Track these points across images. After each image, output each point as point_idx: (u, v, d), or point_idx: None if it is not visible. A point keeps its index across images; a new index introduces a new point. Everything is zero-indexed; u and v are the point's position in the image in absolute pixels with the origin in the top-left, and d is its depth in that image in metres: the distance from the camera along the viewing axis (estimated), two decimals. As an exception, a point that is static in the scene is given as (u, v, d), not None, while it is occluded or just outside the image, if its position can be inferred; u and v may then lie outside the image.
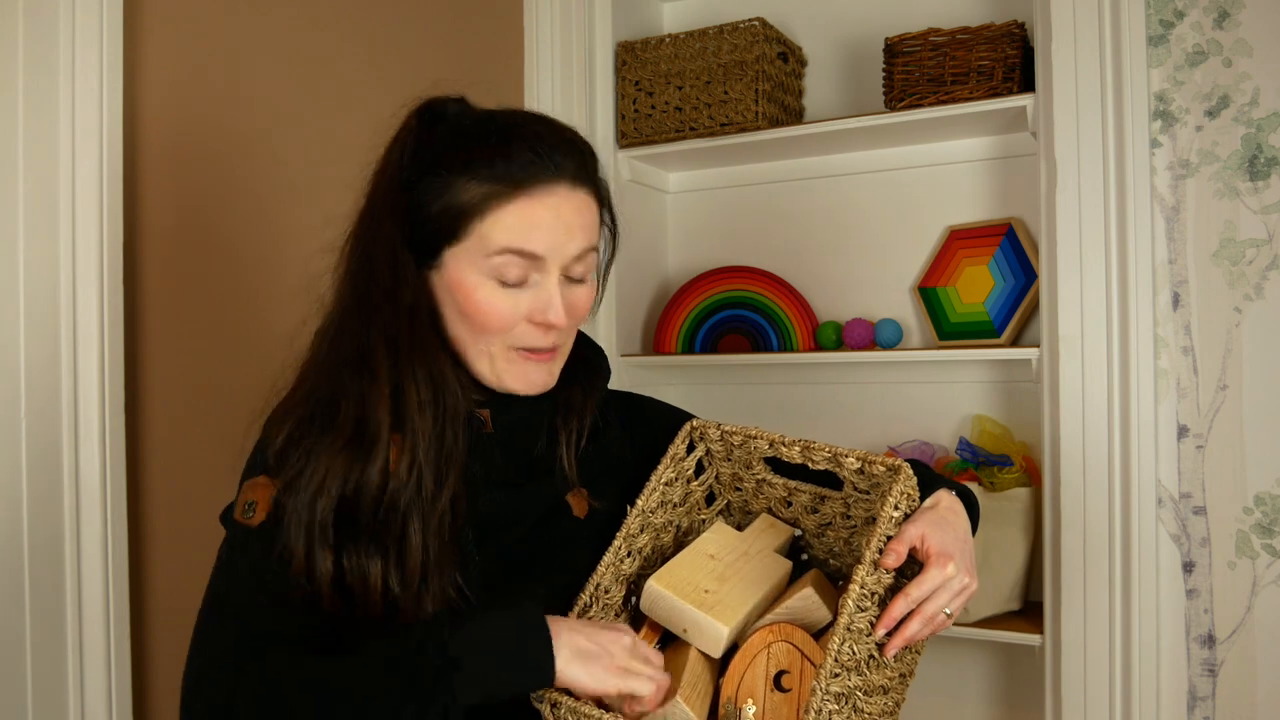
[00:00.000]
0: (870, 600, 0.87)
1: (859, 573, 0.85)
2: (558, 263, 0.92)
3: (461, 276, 0.92)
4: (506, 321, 0.92)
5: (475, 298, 0.92)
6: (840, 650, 0.82)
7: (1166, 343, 1.66)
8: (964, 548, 0.92)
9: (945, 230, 2.02)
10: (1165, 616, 1.66)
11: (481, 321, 0.92)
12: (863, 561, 0.86)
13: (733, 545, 1.01)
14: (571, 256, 0.93)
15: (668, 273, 2.32)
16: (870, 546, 0.87)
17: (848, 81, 2.13)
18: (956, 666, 2.00)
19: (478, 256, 0.91)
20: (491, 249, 0.90)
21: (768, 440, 0.98)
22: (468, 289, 0.92)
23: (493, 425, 0.97)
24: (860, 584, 0.85)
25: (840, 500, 1.00)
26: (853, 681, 0.85)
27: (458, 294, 0.92)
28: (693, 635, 0.91)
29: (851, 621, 0.84)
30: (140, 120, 1.34)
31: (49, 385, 1.19)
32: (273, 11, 1.54)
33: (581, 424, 1.01)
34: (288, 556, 0.85)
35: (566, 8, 2.03)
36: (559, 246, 0.92)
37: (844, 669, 0.83)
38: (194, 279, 1.42)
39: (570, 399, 1.01)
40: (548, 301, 0.92)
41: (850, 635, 0.84)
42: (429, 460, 0.88)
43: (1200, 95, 1.64)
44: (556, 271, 0.93)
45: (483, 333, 0.93)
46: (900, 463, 0.91)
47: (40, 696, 1.17)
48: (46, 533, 1.18)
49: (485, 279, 0.91)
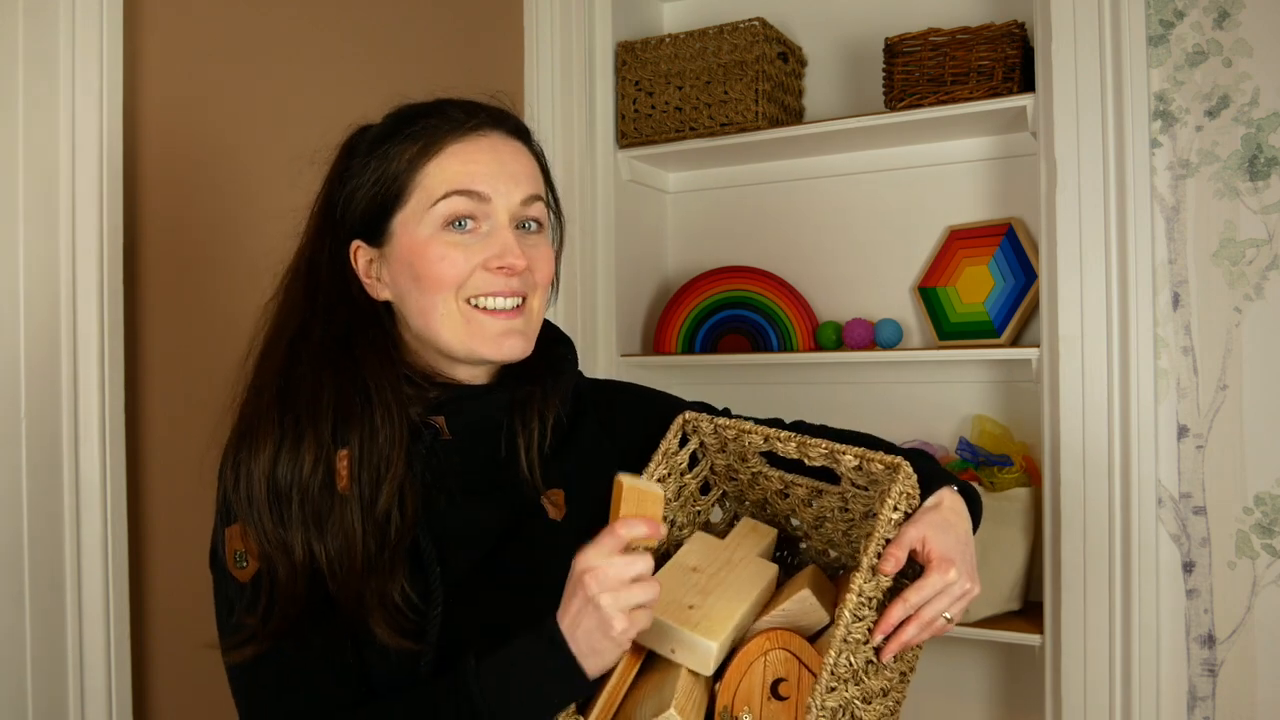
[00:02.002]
0: (868, 607, 0.85)
1: (856, 580, 0.83)
2: (505, 207, 0.92)
3: (411, 237, 0.91)
4: (461, 269, 0.90)
5: (428, 252, 0.90)
6: (837, 663, 0.80)
7: (1166, 343, 1.66)
8: (966, 551, 0.90)
9: (945, 230, 2.02)
10: (1165, 616, 1.66)
11: (437, 273, 0.90)
12: (860, 568, 0.84)
13: (714, 555, 0.99)
14: (518, 202, 0.93)
15: (668, 273, 2.32)
16: (868, 551, 0.85)
17: (848, 81, 2.13)
18: (956, 666, 2.00)
19: (422, 211, 0.91)
20: (436, 195, 0.90)
21: (762, 435, 0.96)
22: (419, 245, 0.91)
23: (449, 430, 0.93)
24: (858, 592, 0.83)
25: (837, 494, 0.99)
26: (850, 692, 0.83)
27: (412, 256, 0.91)
28: (681, 655, 0.88)
29: (849, 633, 0.82)
30: (140, 120, 1.34)
31: (49, 385, 1.19)
32: (272, 11, 1.54)
33: (544, 423, 0.97)
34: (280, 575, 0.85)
35: (566, 8, 2.03)
36: (504, 191, 0.92)
37: (840, 681, 0.81)
38: (194, 279, 1.42)
39: (529, 396, 0.97)
40: (503, 244, 0.91)
41: (847, 646, 0.82)
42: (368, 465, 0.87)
43: (1200, 95, 1.64)
44: (506, 216, 0.92)
45: (439, 288, 0.90)
46: (899, 461, 0.89)
47: (40, 696, 1.17)
48: (46, 533, 1.18)
49: (436, 231, 0.91)
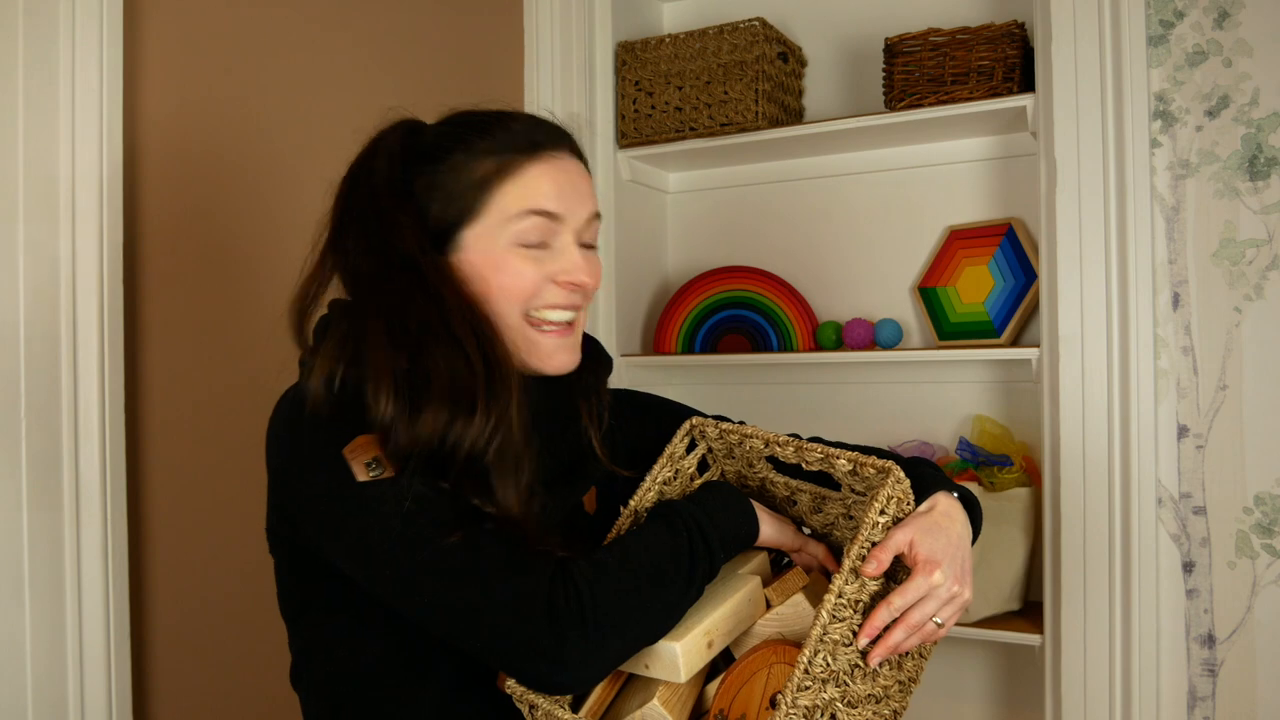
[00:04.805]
0: (851, 609, 0.84)
1: (836, 580, 0.83)
2: (573, 225, 0.95)
3: (485, 251, 0.92)
4: (533, 284, 0.93)
5: (506, 265, 0.92)
6: (812, 662, 0.80)
7: (1166, 343, 1.66)
8: (955, 554, 0.89)
9: (945, 230, 2.02)
10: (1165, 616, 1.66)
11: (510, 286, 0.92)
12: (841, 568, 0.84)
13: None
14: (584, 220, 0.95)
15: (667, 273, 2.32)
16: (851, 553, 0.84)
17: (848, 81, 2.13)
18: (956, 666, 2.00)
19: (497, 227, 0.92)
20: (512, 213, 0.92)
21: (763, 439, 0.96)
22: (495, 260, 0.92)
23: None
24: (837, 592, 0.82)
25: (840, 502, 0.99)
26: (829, 693, 0.82)
27: (484, 269, 0.92)
28: (654, 668, 0.88)
29: (825, 632, 0.81)
30: (140, 120, 1.34)
31: (49, 386, 1.19)
32: (272, 11, 1.54)
33: (601, 404, 1.03)
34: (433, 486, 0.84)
35: (566, 8, 2.03)
36: (573, 208, 0.94)
37: (817, 681, 0.80)
38: (194, 279, 1.42)
39: (585, 382, 1.03)
40: (574, 261, 0.94)
41: (824, 646, 0.81)
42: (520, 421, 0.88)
43: (1200, 95, 1.64)
44: (573, 235, 0.95)
45: (510, 299, 0.92)
46: (890, 464, 0.88)
47: (40, 696, 1.17)
48: (46, 533, 1.18)
49: (511, 246, 0.92)
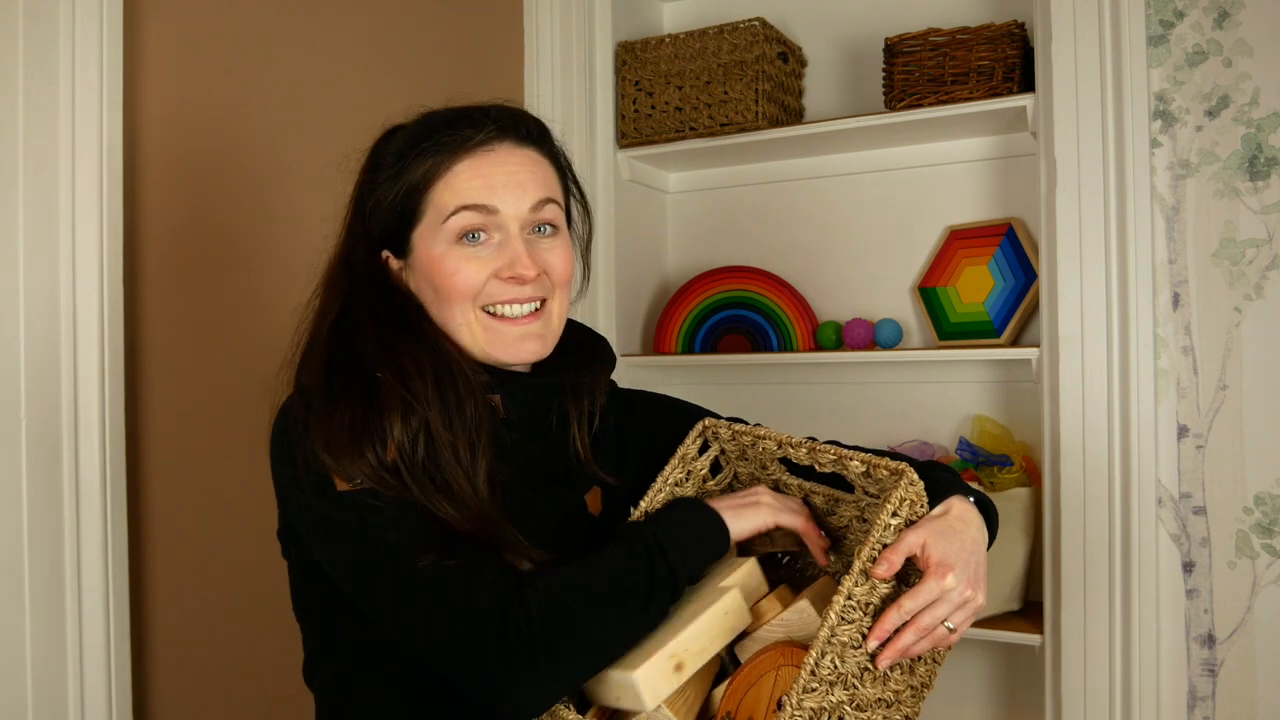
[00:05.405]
0: (861, 611, 0.83)
1: (845, 582, 0.82)
2: (515, 216, 0.95)
3: (429, 251, 0.95)
4: (474, 281, 0.94)
5: (443, 265, 0.94)
6: (819, 664, 0.79)
7: (1166, 343, 1.66)
8: (969, 559, 0.87)
9: (945, 230, 2.02)
10: (1165, 616, 1.66)
11: (451, 285, 0.94)
12: (851, 570, 0.83)
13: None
14: (527, 209, 0.95)
15: (667, 273, 2.32)
16: (861, 555, 0.84)
17: (848, 81, 2.13)
18: (956, 666, 2.00)
19: (436, 226, 0.94)
20: (446, 211, 0.94)
21: (776, 441, 0.96)
22: (436, 259, 0.94)
23: (504, 410, 0.97)
24: (846, 594, 0.81)
25: (853, 504, 0.97)
26: (837, 696, 0.81)
27: (430, 270, 0.95)
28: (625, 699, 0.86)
29: (833, 634, 0.80)
30: (140, 120, 1.34)
31: (49, 385, 1.19)
32: (272, 11, 1.54)
33: (593, 404, 1.03)
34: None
35: (566, 8, 2.03)
36: (512, 200, 0.94)
37: (824, 683, 0.80)
38: (194, 279, 1.42)
39: (579, 382, 1.03)
40: (513, 254, 0.94)
41: (831, 648, 0.80)
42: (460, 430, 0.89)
43: (1200, 95, 1.64)
44: (516, 226, 0.95)
45: (456, 299, 0.94)
46: (904, 466, 0.88)
47: (40, 696, 1.17)
48: (46, 533, 1.18)
49: (449, 245, 0.94)
